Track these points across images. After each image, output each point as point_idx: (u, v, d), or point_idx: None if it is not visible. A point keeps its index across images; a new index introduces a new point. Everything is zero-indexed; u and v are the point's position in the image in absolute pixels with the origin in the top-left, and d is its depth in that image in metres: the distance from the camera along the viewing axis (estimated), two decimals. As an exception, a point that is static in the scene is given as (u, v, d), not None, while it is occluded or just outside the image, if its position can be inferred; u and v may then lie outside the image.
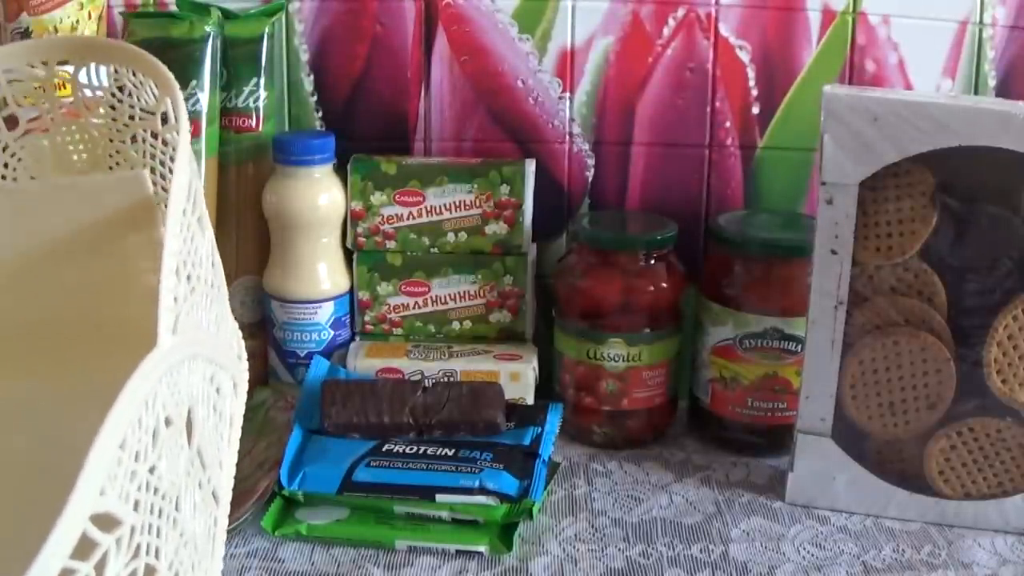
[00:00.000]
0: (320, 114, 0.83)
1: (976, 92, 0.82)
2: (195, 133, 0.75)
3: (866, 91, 0.66)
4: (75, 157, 0.55)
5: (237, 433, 0.47)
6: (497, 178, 0.78)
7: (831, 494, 0.70)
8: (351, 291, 0.81)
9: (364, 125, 0.83)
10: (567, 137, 0.84)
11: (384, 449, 0.69)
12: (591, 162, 0.84)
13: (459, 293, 0.80)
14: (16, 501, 0.44)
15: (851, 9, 0.81)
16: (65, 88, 0.66)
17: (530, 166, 0.79)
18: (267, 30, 0.78)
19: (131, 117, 0.53)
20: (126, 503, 0.34)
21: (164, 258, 0.39)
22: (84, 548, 0.31)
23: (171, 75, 0.49)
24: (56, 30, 0.71)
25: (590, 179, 0.85)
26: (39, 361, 0.49)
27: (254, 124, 0.78)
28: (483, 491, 0.65)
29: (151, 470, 0.36)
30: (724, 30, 0.81)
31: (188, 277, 0.42)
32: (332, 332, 0.79)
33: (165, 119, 0.50)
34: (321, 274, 0.78)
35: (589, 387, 0.77)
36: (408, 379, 0.76)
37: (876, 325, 0.67)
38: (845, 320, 0.67)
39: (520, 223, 0.79)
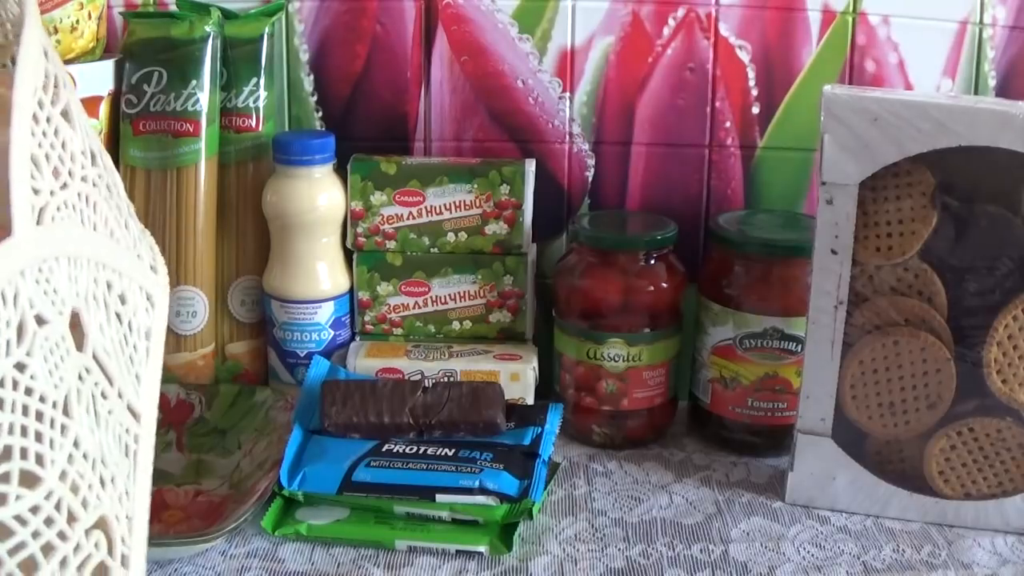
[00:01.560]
0: (320, 114, 0.83)
1: (976, 92, 0.82)
2: (195, 133, 0.75)
3: (866, 91, 0.66)
4: None
5: (158, 348, 0.44)
6: (497, 178, 0.78)
7: (831, 494, 0.70)
8: (351, 291, 0.81)
9: (364, 125, 0.83)
10: (567, 137, 0.84)
11: (384, 449, 0.69)
12: (591, 162, 0.84)
13: (459, 293, 0.80)
14: None
15: (851, 9, 0.80)
16: None
17: (530, 166, 0.79)
18: (267, 30, 0.78)
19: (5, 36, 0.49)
20: None
21: (13, 143, 0.36)
22: None
23: None
24: (56, 30, 0.71)
25: (590, 179, 0.85)
26: None
27: (254, 124, 0.78)
28: (483, 491, 0.65)
29: (20, 368, 0.34)
30: (724, 30, 0.81)
31: (55, 171, 0.39)
32: (332, 332, 0.79)
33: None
34: (321, 274, 0.78)
35: (589, 387, 0.77)
36: (408, 379, 0.76)
37: (876, 325, 0.67)
38: (845, 320, 0.67)
39: (520, 223, 0.79)
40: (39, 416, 0.34)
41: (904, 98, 0.64)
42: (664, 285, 0.76)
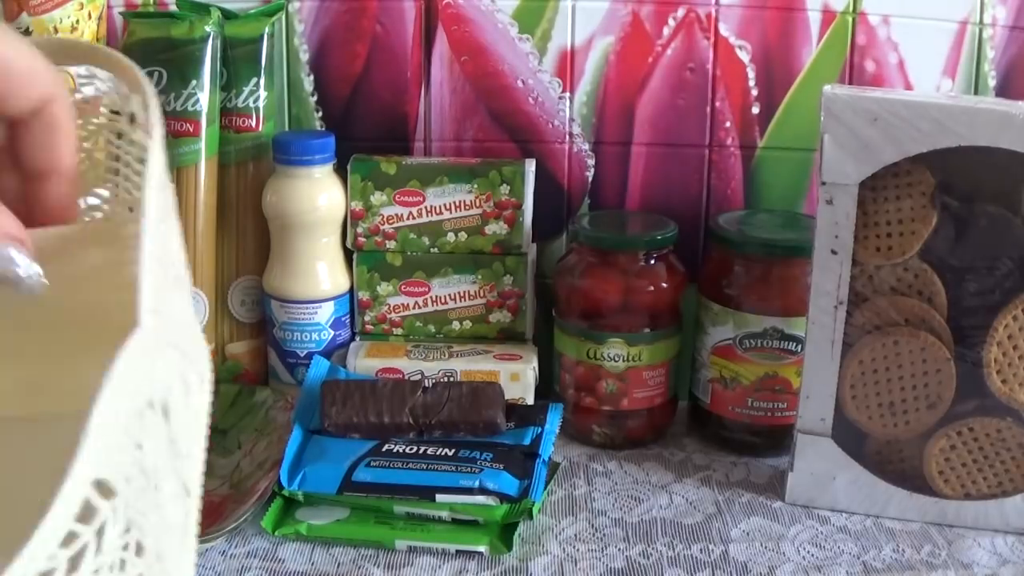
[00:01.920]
0: (320, 114, 0.83)
1: (976, 92, 0.82)
2: (195, 133, 0.75)
3: (866, 91, 0.66)
4: None
5: (204, 429, 0.47)
6: (497, 178, 0.78)
7: (831, 494, 0.70)
8: (351, 291, 0.81)
9: (364, 125, 0.83)
10: (567, 137, 0.84)
11: (384, 449, 0.69)
12: (591, 162, 0.84)
13: (459, 293, 0.80)
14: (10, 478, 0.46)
15: (851, 9, 0.81)
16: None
17: (530, 166, 0.79)
18: (267, 30, 0.78)
19: (96, 119, 0.53)
20: (120, 473, 0.34)
21: (143, 241, 0.39)
22: (87, 514, 0.32)
23: (142, 74, 0.49)
24: (56, 30, 0.71)
25: (590, 179, 0.85)
26: (21, 345, 0.50)
27: (254, 124, 0.78)
28: (483, 491, 0.65)
29: (138, 447, 0.36)
30: (724, 30, 0.81)
31: (161, 264, 0.43)
32: (332, 332, 0.79)
33: (133, 119, 0.50)
34: (321, 274, 0.78)
35: (589, 387, 0.77)
36: (408, 379, 0.76)
37: (876, 325, 0.67)
38: (845, 320, 0.67)
39: (520, 223, 0.79)
40: (145, 490, 0.37)
41: (904, 98, 0.64)
42: (664, 285, 0.76)
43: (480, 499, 0.65)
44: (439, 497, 0.65)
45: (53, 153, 0.42)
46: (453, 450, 0.68)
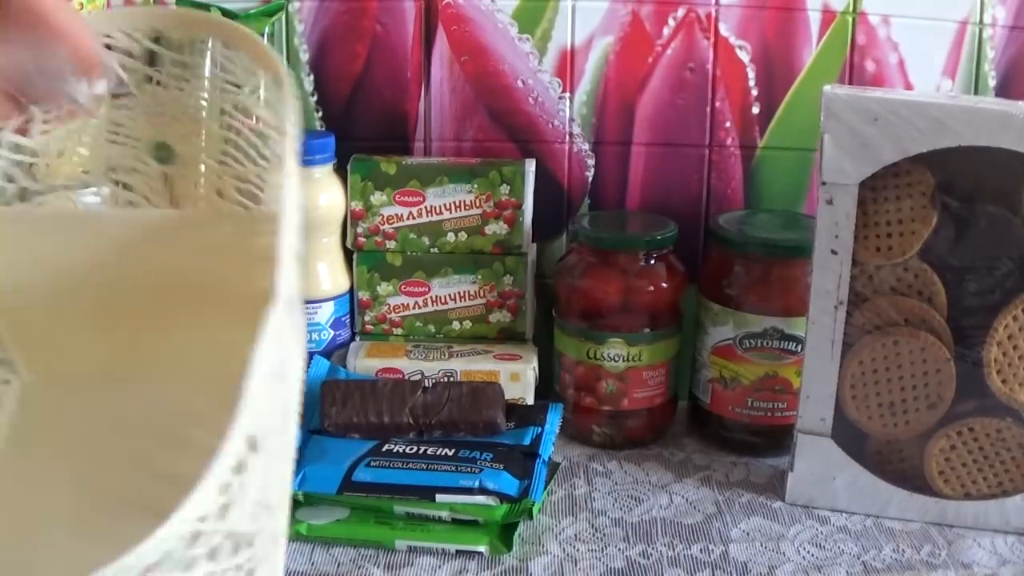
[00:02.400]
0: (320, 114, 0.83)
1: (976, 92, 0.82)
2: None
3: (866, 91, 0.66)
4: (152, 126, 0.57)
5: (299, 398, 0.50)
6: (497, 178, 0.78)
7: (831, 494, 0.70)
8: (351, 291, 0.81)
9: (364, 125, 0.83)
10: (567, 137, 0.84)
11: (384, 449, 0.69)
12: (591, 162, 0.84)
13: (459, 293, 0.80)
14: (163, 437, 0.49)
15: (851, 9, 0.81)
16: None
17: (530, 166, 0.79)
18: (267, 30, 0.78)
19: (218, 89, 0.54)
20: (265, 431, 0.37)
21: (284, 219, 0.42)
22: (240, 467, 0.35)
23: (271, 49, 0.50)
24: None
25: (590, 179, 0.85)
26: (164, 316, 0.52)
27: (254, 124, 0.78)
28: (483, 491, 0.65)
29: (270, 409, 0.38)
30: (724, 30, 0.81)
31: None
32: (332, 332, 0.79)
33: (257, 96, 0.52)
34: (321, 274, 0.78)
35: (589, 387, 0.77)
36: (408, 379, 0.76)
37: (876, 325, 0.67)
38: (845, 320, 0.67)
39: (520, 223, 0.79)
40: (272, 455, 0.39)
41: (904, 98, 0.64)
42: (664, 285, 0.76)
43: (480, 499, 0.65)
44: (439, 497, 0.65)
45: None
46: (453, 450, 0.68)
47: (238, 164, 0.55)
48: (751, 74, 0.82)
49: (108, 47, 0.53)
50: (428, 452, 0.68)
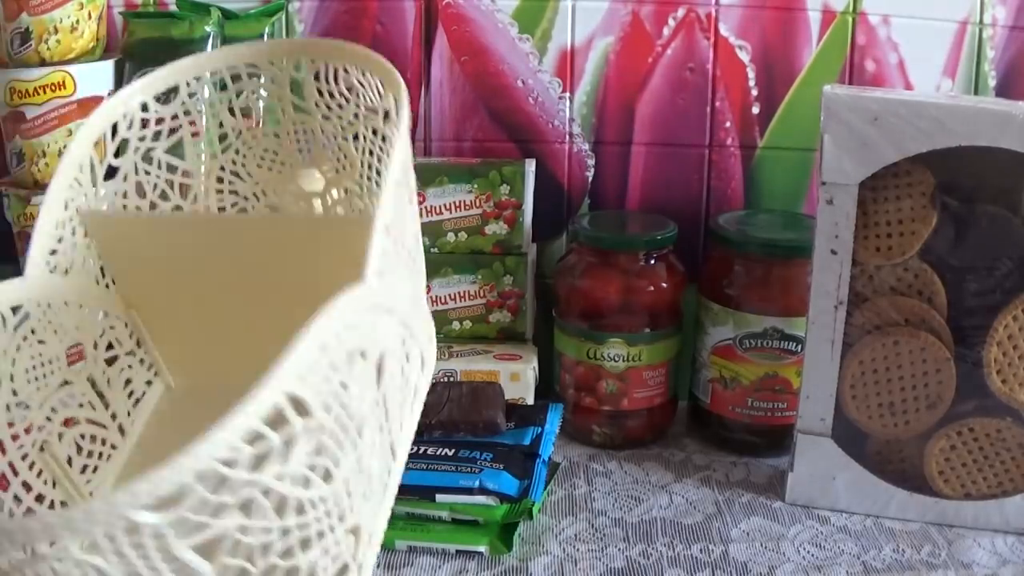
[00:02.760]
0: (320, 114, 0.83)
1: (976, 92, 0.82)
2: (195, 134, 0.75)
3: (866, 91, 0.66)
4: (299, 151, 0.60)
5: (420, 405, 0.52)
6: (497, 178, 0.78)
7: (831, 494, 0.70)
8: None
9: (364, 125, 0.83)
10: (567, 137, 0.84)
11: (384, 449, 0.69)
12: (591, 162, 0.84)
13: (459, 293, 0.80)
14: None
15: (851, 9, 0.81)
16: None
17: (530, 166, 0.79)
18: (267, 30, 0.78)
19: (355, 115, 0.57)
20: (318, 398, 0.38)
21: (379, 214, 0.44)
22: (277, 422, 0.35)
23: (398, 74, 0.53)
24: (56, 30, 0.71)
25: (590, 179, 0.85)
26: (267, 307, 0.54)
27: (254, 124, 0.78)
28: (483, 491, 0.65)
29: (343, 385, 0.40)
30: (724, 30, 0.81)
31: (394, 241, 0.47)
32: (332, 332, 0.79)
33: (387, 116, 0.55)
34: (321, 274, 0.78)
35: (589, 387, 0.77)
36: (408, 379, 0.76)
37: (876, 325, 0.67)
38: (845, 320, 0.67)
39: (520, 223, 0.79)
40: (345, 429, 0.40)
41: (904, 98, 0.64)
42: (664, 285, 0.76)
43: (480, 499, 0.65)
44: (439, 497, 0.65)
45: None
46: (453, 450, 0.68)
47: (375, 184, 0.58)
48: (751, 74, 0.82)
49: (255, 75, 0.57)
50: (428, 452, 0.68)
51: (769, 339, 0.75)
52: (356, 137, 0.58)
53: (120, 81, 0.75)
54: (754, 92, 0.82)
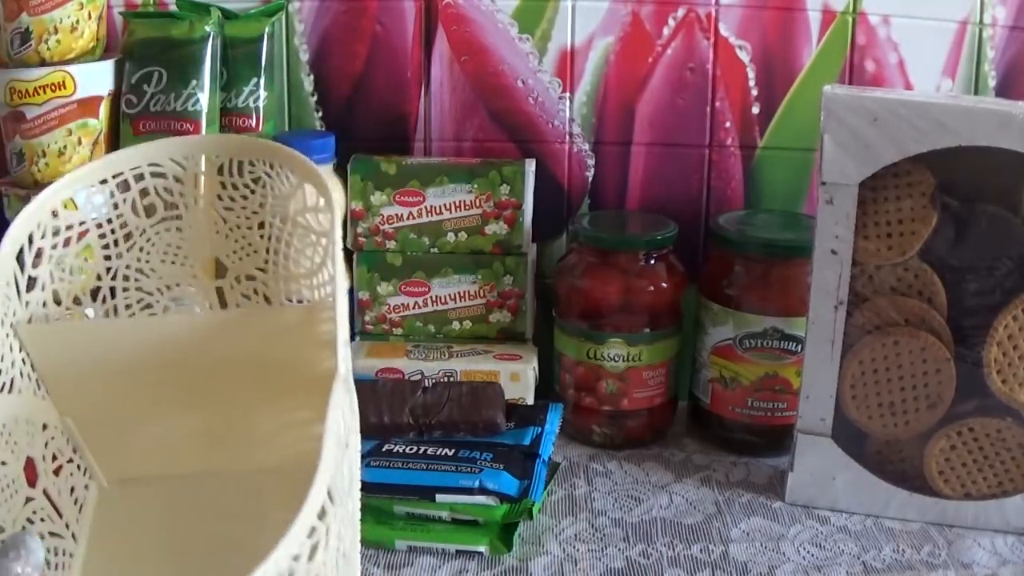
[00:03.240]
0: (320, 114, 0.83)
1: (976, 92, 0.82)
2: (195, 133, 0.75)
3: (866, 91, 0.66)
4: (202, 243, 0.62)
5: (358, 463, 0.56)
6: (497, 178, 0.78)
7: (831, 494, 0.70)
8: (351, 291, 0.81)
9: (364, 125, 0.83)
10: (567, 137, 0.84)
11: (384, 449, 0.69)
12: (591, 162, 0.84)
13: (459, 293, 0.80)
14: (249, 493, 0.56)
15: (851, 9, 0.81)
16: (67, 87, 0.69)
17: (530, 166, 0.79)
18: (267, 30, 0.78)
19: (260, 205, 0.60)
20: (337, 487, 0.42)
21: (338, 309, 0.49)
22: (322, 514, 0.40)
23: (308, 160, 0.57)
24: (56, 30, 0.71)
25: (590, 179, 0.85)
26: (233, 404, 0.58)
27: (254, 124, 0.78)
28: (483, 491, 0.65)
29: (338, 470, 0.43)
30: (724, 30, 0.81)
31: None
32: (332, 332, 0.79)
33: (299, 202, 0.58)
34: (321, 274, 0.78)
35: (589, 387, 0.77)
36: (408, 379, 0.76)
37: (876, 325, 0.67)
38: (845, 320, 0.67)
39: (520, 223, 0.79)
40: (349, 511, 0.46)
41: (904, 98, 0.64)
42: (664, 285, 0.76)
43: (480, 499, 0.65)
44: (439, 497, 0.65)
45: None
46: (453, 450, 0.68)
47: (282, 268, 0.61)
48: (751, 74, 0.82)
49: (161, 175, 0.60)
50: (428, 452, 0.68)
51: (769, 339, 0.75)
52: (261, 225, 0.61)
53: (120, 81, 0.75)
54: (754, 92, 0.82)
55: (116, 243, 0.60)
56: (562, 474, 0.74)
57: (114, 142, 0.76)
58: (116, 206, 0.59)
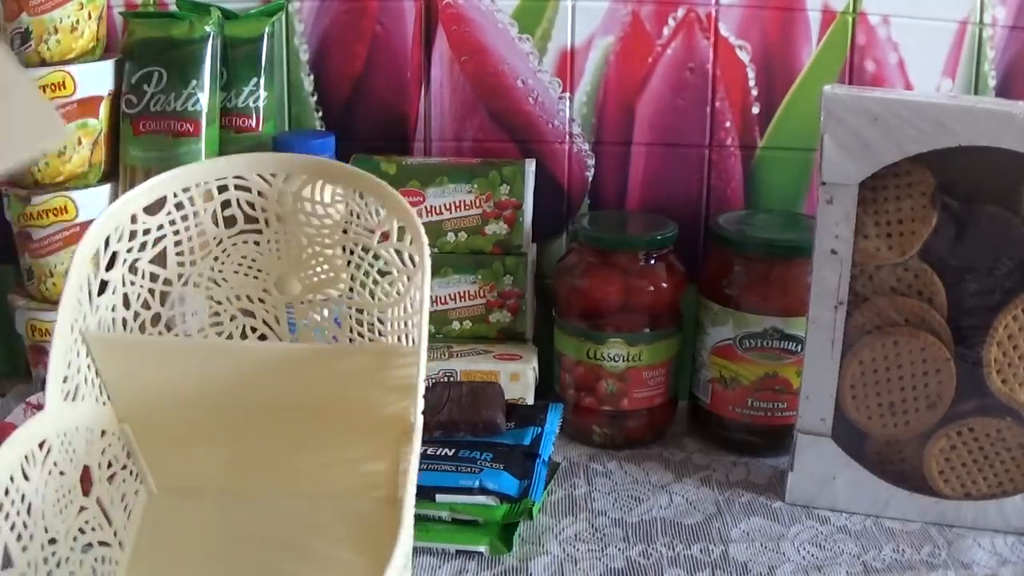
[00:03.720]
0: (320, 114, 0.83)
1: (976, 92, 0.82)
2: (195, 133, 0.75)
3: (866, 91, 0.66)
4: (279, 259, 0.62)
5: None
6: (497, 178, 0.78)
7: (831, 494, 0.70)
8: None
9: (364, 125, 0.83)
10: (567, 137, 0.84)
11: (384, 449, 0.69)
12: (591, 162, 0.84)
13: (459, 293, 0.80)
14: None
15: (851, 9, 0.81)
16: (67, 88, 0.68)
17: (530, 166, 0.79)
18: (267, 30, 0.78)
19: (344, 231, 0.61)
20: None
21: (421, 359, 0.51)
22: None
23: (402, 198, 0.57)
24: (56, 30, 0.71)
25: (590, 179, 0.85)
26: (289, 437, 0.58)
27: (254, 124, 0.78)
28: (483, 491, 0.65)
29: None
30: (724, 30, 0.81)
31: None
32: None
33: (386, 236, 0.58)
34: (321, 274, 0.78)
35: (589, 387, 0.77)
36: (408, 379, 0.76)
37: (876, 325, 0.67)
38: (845, 320, 0.67)
39: (520, 223, 0.79)
40: None
41: (904, 98, 0.64)
42: (664, 285, 0.76)
43: (480, 499, 0.65)
44: (439, 497, 0.65)
45: None
46: (453, 450, 0.68)
47: (359, 299, 0.61)
48: (751, 74, 0.82)
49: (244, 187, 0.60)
50: (428, 452, 0.68)
51: (769, 339, 0.75)
52: (344, 250, 0.61)
53: (120, 81, 0.75)
54: (754, 92, 0.82)
55: (192, 251, 0.60)
56: (562, 474, 0.74)
57: (114, 142, 0.76)
58: (196, 214, 0.59)
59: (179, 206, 0.59)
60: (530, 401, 0.77)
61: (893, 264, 0.66)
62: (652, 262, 0.76)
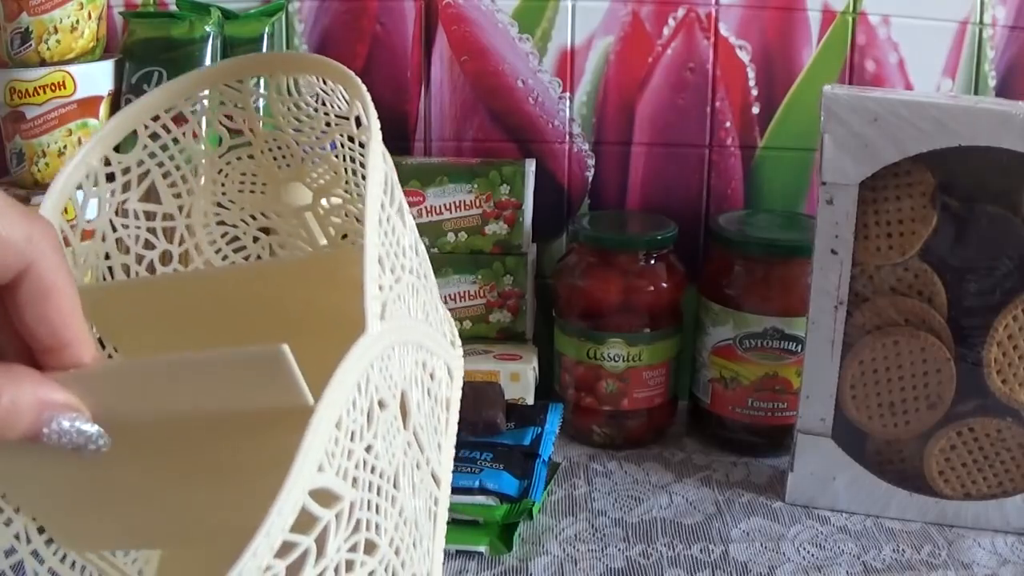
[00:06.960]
0: (320, 114, 0.83)
1: (976, 92, 0.82)
2: (195, 134, 0.75)
3: (866, 91, 0.66)
4: (278, 168, 0.58)
5: (455, 417, 0.51)
6: (497, 178, 0.78)
7: (831, 494, 0.70)
8: (351, 291, 0.80)
9: (364, 125, 0.83)
10: (567, 137, 0.84)
11: (384, 449, 0.69)
12: (591, 162, 0.84)
13: (459, 293, 0.80)
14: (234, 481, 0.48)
15: (851, 9, 0.81)
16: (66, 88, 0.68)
17: (530, 166, 0.79)
18: (267, 30, 0.78)
19: (327, 124, 0.56)
20: (344, 480, 0.36)
21: (366, 248, 0.41)
22: (305, 523, 0.34)
23: (359, 80, 0.51)
24: (56, 30, 0.71)
25: (590, 179, 0.85)
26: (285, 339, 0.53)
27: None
28: (483, 491, 0.65)
29: (367, 449, 0.38)
30: (724, 30, 0.81)
31: (392, 268, 0.45)
32: (332, 332, 0.79)
33: (359, 122, 0.52)
34: (321, 274, 0.78)
35: (589, 387, 0.77)
36: (408, 379, 0.76)
37: (876, 325, 0.67)
38: (845, 320, 0.67)
39: (520, 223, 0.79)
40: (379, 491, 0.39)
41: (904, 98, 0.64)
42: (664, 285, 0.76)
43: (480, 499, 0.65)
44: (439, 497, 0.65)
45: (50, 326, 0.36)
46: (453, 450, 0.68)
47: (357, 195, 0.56)
48: (751, 74, 0.82)
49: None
50: (428, 452, 0.68)
51: (769, 339, 0.75)
52: (333, 145, 0.57)
53: (120, 81, 0.76)
54: (754, 92, 0.82)
55: (185, 179, 0.56)
56: (562, 474, 0.74)
57: (114, 142, 0.76)
58: (176, 141, 0.55)
59: (154, 136, 0.55)
60: (530, 401, 0.77)
61: (893, 264, 0.66)
62: (652, 262, 0.76)
